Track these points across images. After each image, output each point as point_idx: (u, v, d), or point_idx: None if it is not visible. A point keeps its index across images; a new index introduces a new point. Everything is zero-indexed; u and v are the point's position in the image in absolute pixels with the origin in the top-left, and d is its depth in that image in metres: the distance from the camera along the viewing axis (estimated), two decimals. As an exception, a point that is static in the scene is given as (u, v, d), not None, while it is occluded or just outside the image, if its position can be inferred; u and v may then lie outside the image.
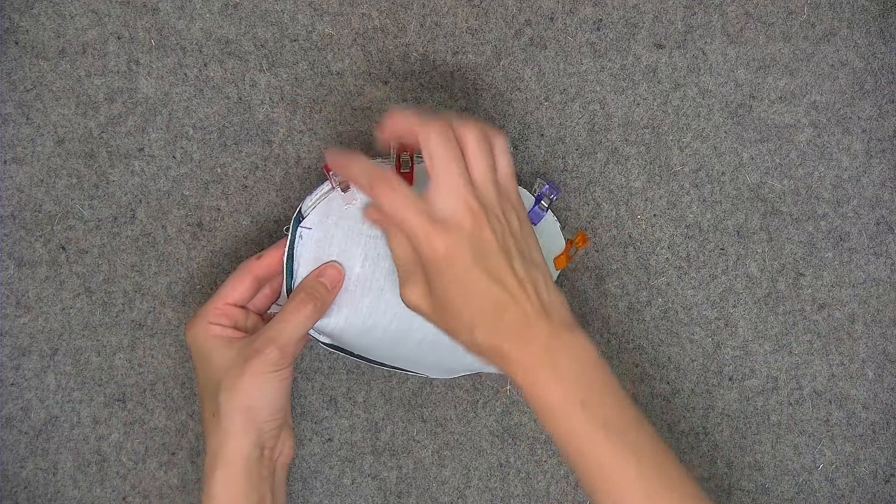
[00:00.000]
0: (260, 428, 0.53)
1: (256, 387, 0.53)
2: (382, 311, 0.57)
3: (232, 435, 0.53)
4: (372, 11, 0.61)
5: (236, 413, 0.53)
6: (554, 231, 0.60)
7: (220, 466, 0.53)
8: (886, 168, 0.63)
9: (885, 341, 0.64)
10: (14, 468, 0.64)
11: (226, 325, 0.55)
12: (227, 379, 0.53)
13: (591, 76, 0.62)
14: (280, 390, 0.54)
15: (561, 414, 0.48)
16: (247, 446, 0.53)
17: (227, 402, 0.53)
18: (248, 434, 0.53)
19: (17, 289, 0.63)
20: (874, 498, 0.65)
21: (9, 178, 0.62)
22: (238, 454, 0.53)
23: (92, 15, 0.61)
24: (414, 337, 0.58)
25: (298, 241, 0.56)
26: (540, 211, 0.58)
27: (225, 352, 0.54)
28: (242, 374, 0.53)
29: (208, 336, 0.55)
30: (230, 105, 0.62)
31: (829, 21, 0.62)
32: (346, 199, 0.55)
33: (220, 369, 0.54)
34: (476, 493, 0.65)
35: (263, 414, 0.53)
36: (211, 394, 0.54)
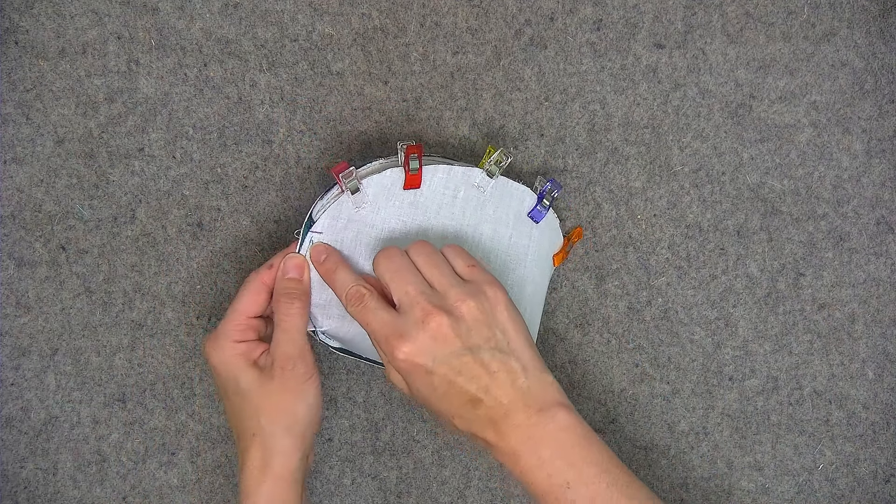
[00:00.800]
0: (305, 443, 0.54)
1: (298, 403, 0.54)
2: None
3: (280, 452, 0.53)
4: (372, 11, 0.61)
5: (284, 432, 0.53)
6: (554, 227, 0.60)
7: (270, 480, 0.53)
8: (886, 168, 0.63)
9: (885, 341, 0.64)
10: (14, 468, 0.64)
11: (251, 339, 0.56)
12: (265, 401, 0.54)
13: (591, 76, 0.62)
14: (317, 398, 0.55)
15: (548, 497, 0.49)
16: (295, 461, 0.54)
17: (271, 423, 0.53)
18: (298, 449, 0.54)
19: (17, 289, 0.63)
20: (874, 498, 0.65)
21: (9, 178, 0.62)
22: (286, 467, 0.54)
23: (92, 15, 0.61)
24: None
25: (309, 245, 0.56)
26: (542, 210, 0.58)
27: (253, 373, 0.54)
28: (278, 394, 0.53)
29: (233, 356, 0.55)
30: (230, 105, 0.62)
31: (829, 21, 0.62)
32: (356, 203, 0.56)
33: (252, 392, 0.54)
34: (476, 493, 0.65)
35: (309, 427, 0.54)
36: (249, 415, 0.54)
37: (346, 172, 0.55)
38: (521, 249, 0.58)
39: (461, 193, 0.57)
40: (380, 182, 0.56)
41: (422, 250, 0.53)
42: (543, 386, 0.51)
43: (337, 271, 0.54)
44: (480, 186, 0.57)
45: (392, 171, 0.56)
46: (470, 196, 0.57)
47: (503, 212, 0.58)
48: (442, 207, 0.57)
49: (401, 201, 0.56)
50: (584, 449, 0.50)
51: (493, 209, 0.58)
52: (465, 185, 0.57)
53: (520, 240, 0.58)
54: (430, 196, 0.56)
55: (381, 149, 0.63)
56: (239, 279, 0.63)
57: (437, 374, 0.50)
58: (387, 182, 0.56)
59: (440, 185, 0.56)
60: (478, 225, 0.57)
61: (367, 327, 0.52)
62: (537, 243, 0.59)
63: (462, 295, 0.51)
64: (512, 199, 0.58)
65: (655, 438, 0.65)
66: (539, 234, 0.59)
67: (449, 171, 0.56)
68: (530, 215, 0.58)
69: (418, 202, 0.56)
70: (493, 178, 0.57)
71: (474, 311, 0.50)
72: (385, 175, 0.56)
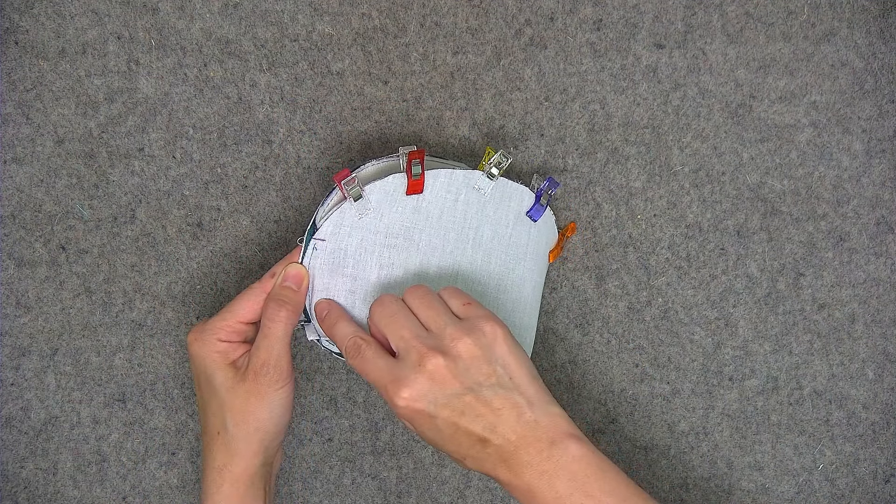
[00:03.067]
0: (268, 447, 0.55)
1: (263, 409, 0.54)
2: None
3: (241, 455, 0.54)
4: (372, 11, 0.61)
5: (246, 436, 0.54)
6: (550, 224, 0.60)
7: (228, 482, 0.54)
8: (886, 168, 0.63)
9: (885, 341, 0.64)
10: (14, 468, 0.64)
11: (235, 340, 0.56)
12: (233, 402, 0.54)
13: (591, 76, 0.62)
14: (285, 408, 0.55)
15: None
16: (255, 466, 0.54)
17: (235, 425, 0.54)
18: (258, 454, 0.54)
19: (17, 289, 0.63)
20: (874, 498, 0.65)
21: (9, 178, 0.62)
22: (247, 472, 0.54)
23: (92, 15, 0.61)
24: None
25: (313, 252, 0.56)
26: (540, 208, 0.58)
27: (227, 372, 0.54)
28: (248, 397, 0.53)
29: (213, 353, 0.55)
30: (230, 105, 0.62)
31: (829, 21, 0.62)
32: (359, 210, 0.56)
33: (223, 389, 0.54)
34: (476, 493, 0.65)
35: (271, 434, 0.54)
36: (214, 411, 0.54)
37: (349, 180, 0.54)
38: (520, 249, 0.59)
39: (462, 196, 0.57)
40: (383, 188, 0.56)
41: (416, 293, 0.52)
42: (551, 418, 0.50)
43: (336, 325, 0.54)
44: (481, 189, 0.57)
45: (394, 177, 0.56)
46: (471, 199, 0.57)
47: (503, 212, 0.58)
48: (444, 212, 0.57)
49: (404, 207, 0.56)
50: (601, 479, 0.49)
51: (494, 210, 0.58)
52: (466, 188, 0.57)
53: (519, 239, 0.58)
54: (432, 201, 0.57)
55: (382, 149, 0.63)
56: (239, 279, 0.63)
57: (440, 418, 0.49)
58: (389, 188, 0.56)
59: (442, 190, 0.56)
60: (479, 227, 0.57)
61: (368, 378, 0.51)
62: (535, 241, 0.59)
63: (457, 333, 0.50)
64: (511, 200, 0.58)
65: (655, 438, 0.65)
66: (537, 233, 0.59)
67: (450, 174, 0.56)
68: (529, 214, 0.58)
69: (421, 207, 0.56)
70: (493, 180, 0.57)
71: (471, 348, 0.50)
72: (388, 181, 0.56)
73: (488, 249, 0.58)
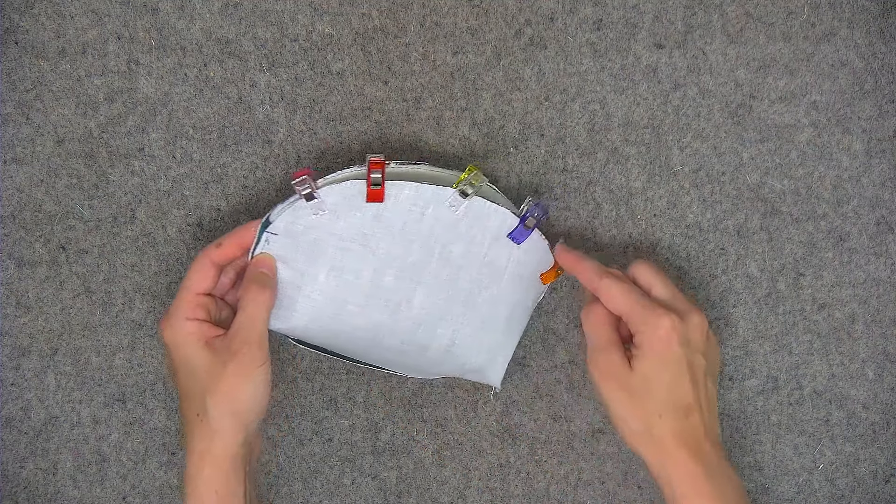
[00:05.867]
0: (248, 428, 0.54)
1: (243, 389, 0.53)
2: (345, 321, 0.57)
3: (222, 436, 0.53)
4: (372, 11, 0.61)
5: (226, 416, 0.53)
6: (542, 249, 0.59)
7: (209, 465, 0.53)
8: (886, 168, 0.63)
9: (885, 341, 0.64)
10: (14, 468, 0.64)
11: (202, 318, 0.55)
12: (213, 383, 0.53)
13: (591, 76, 0.62)
14: (264, 387, 0.54)
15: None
16: (235, 446, 0.54)
17: (214, 406, 0.53)
18: (237, 435, 0.54)
19: (17, 289, 0.63)
20: (874, 498, 0.65)
21: (9, 178, 0.62)
22: (227, 453, 0.54)
23: (92, 15, 0.61)
24: (382, 343, 0.59)
25: (265, 245, 0.56)
26: (524, 230, 0.58)
27: (205, 353, 0.54)
28: (227, 377, 0.53)
29: (187, 335, 0.55)
30: (230, 105, 0.62)
31: (829, 21, 0.62)
32: (312, 209, 0.55)
33: (202, 371, 0.54)
34: (476, 493, 0.65)
35: (252, 414, 0.54)
36: (194, 396, 0.54)
37: (300, 180, 0.54)
38: (496, 269, 0.58)
39: (429, 211, 0.56)
40: (340, 192, 0.55)
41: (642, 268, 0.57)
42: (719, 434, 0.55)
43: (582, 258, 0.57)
44: (452, 206, 0.56)
45: (353, 183, 0.55)
46: (440, 215, 0.57)
47: (478, 231, 0.57)
48: (407, 224, 0.57)
49: (363, 213, 0.56)
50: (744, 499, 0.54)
51: (467, 228, 0.57)
52: (435, 203, 0.56)
53: (497, 260, 0.58)
54: (394, 211, 0.56)
55: (381, 148, 0.62)
56: (239, 279, 0.63)
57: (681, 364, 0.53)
58: (347, 192, 0.55)
59: (407, 202, 0.56)
60: (448, 243, 0.57)
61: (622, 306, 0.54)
62: (517, 263, 0.59)
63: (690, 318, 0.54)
64: (489, 220, 0.57)
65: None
66: (522, 255, 0.59)
67: (417, 189, 0.56)
68: (510, 236, 0.58)
69: (382, 216, 0.56)
70: (466, 199, 0.56)
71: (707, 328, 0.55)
72: (346, 185, 0.55)
73: (458, 266, 0.58)
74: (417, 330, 0.59)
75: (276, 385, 0.64)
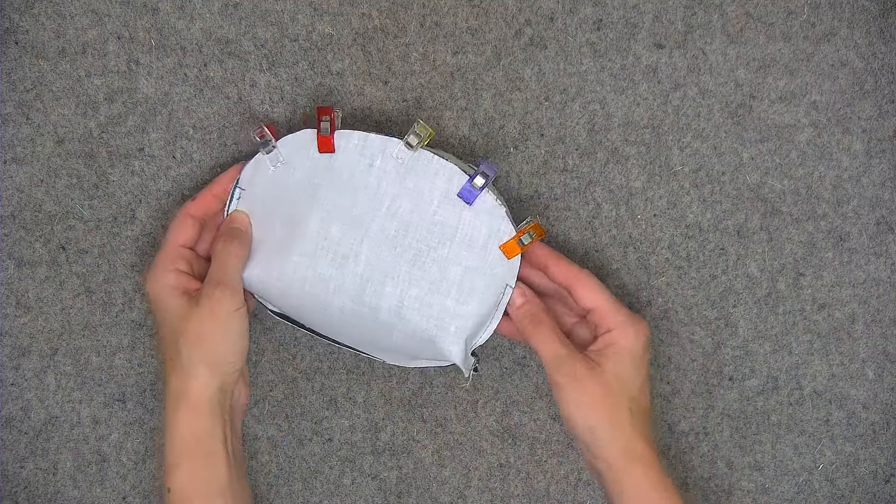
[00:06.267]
0: (223, 371, 0.54)
1: (217, 330, 0.54)
2: (292, 273, 0.57)
3: (195, 378, 0.54)
4: (372, 11, 0.61)
5: (199, 358, 0.54)
6: (498, 215, 0.57)
7: (184, 406, 0.54)
8: (886, 168, 0.63)
9: (885, 341, 0.64)
10: (14, 468, 0.64)
11: (182, 269, 0.56)
12: (186, 325, 0.54)
13: (591, 76, 0.62)
14: (239, 332, 0.55)
15: None
16: (210, 388, 0.54)
17: (187, 346, 0.54)
18: (213, 377, 0.54)
19: (17, 289, 0.63)
20: (874, 498, 0.65)
21: (9, 178, 0.62)
22: (202, 396, 0.54)
23: (92, 15, 0.61)
24: (334, 303, 0.57)
25: (237, 202, 0.58)
26: (473, 190, 0.56)
27: (181, 300, 0.55)
28: (201, 318, 0.54)
29: (165, 285, 0.55)
30: (230, 105, 0.62)
31: (829, 21, 0.62)
32: (271, 161, 0.57)
33: (176, 317, 0.54)
34: (476, 493, 0.65)
35: (226, 357, 0.54)
36: (169, 340, 0.55)
37: (259, 131, 0.56)
38: (446, 230, 0.57)
39: (377, 162, 0.57)
40: (294, 142, 0.57)
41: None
42: None
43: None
44: (399, 158, 0.56)
45: (305, 132, 0.57)
46: (387, 167, 0.57)
47: (426, 187, 0.57)
48: (355, 174, 0.57)
49: (315, 164, 0.57)
50: None
51: (415, 183, 0.57)
52: (382, 155, 0.57)
53: (447, 220, 0.57)
54: (344, 161, 0.57)
55: None
56: (239, 279, 0.63)
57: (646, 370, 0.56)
58: (300, 142, 0.57)
59: (355, 152, 0.57)
60: (396, 196, 0.57)
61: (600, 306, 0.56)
62: (470, 226, 0.57)
63: None
64: (438, 177, 0.57)
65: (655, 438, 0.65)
66: (473, 218, 0.57)
67: (365, 137, 0.56)
68: (460, 195, 0.57)
69: (333, 166, 0.57)
70: (412, 151, 0.56)
71: None
72: (299, 135, 0.57)
73: (406, 221, 0.57)
74: (366, 287, 0.57)
75: (276, 385, 0.64)
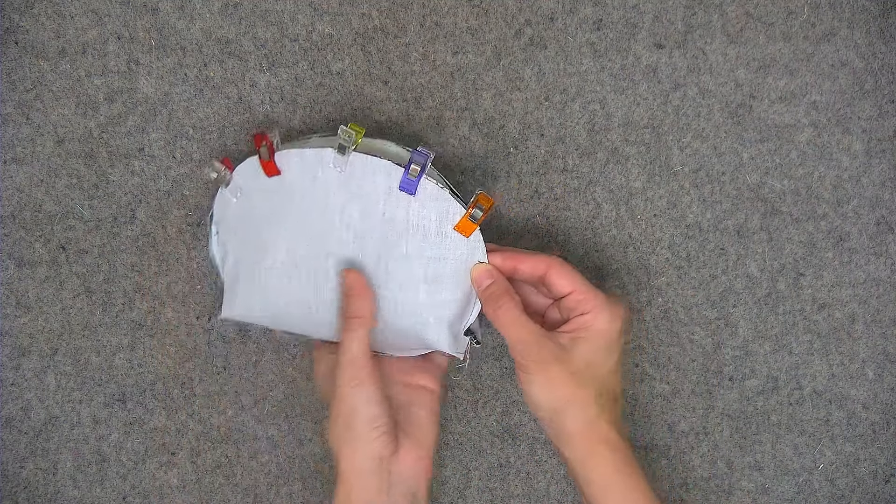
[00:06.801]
0: (363, 440, 0.53)
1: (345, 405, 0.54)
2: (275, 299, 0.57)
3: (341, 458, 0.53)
4: (372, 11, 0.61)
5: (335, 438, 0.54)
6: (443, 198, 0.56)
7: (338, 485, 0.54)
8: (886, 168, 0.63)
9: (885, 341, 0.64)
10: (14, 468, 0.64)
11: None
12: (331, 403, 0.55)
13: (591, 76, 0.62)
14: (365, 401, 0.54)
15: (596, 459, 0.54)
16: (357, 460, 0.53)
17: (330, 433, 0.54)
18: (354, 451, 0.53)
19: (17, 289, 0.63)
20: (874, 498, 0.65)
21: (9, 178, 0.62)
22: (351, 469, 0.53)
23: (92, 15, 0.61)
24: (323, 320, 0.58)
25: (215, 237, 0.59)
26: (410, 180, 0.55)
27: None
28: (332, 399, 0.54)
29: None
30: (230, 105, 0.62)
31: (829, 21, 0.62)
32: (231, 193, 0.58)
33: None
34: (476, 493, 0.65)
35: (359, 425, 0.53)
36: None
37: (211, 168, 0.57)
38: (398, 226, 0.56)
39: (320, 174, 0.56)
40: (245, 171, 0.57)
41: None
42: None
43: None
44: (336, 166, 0.55)
45: (251, 160, 0.57)
46: (329, 177, 0.56)
47: (370, 188, 0.56)
48: (305, 192, 0.56)
49: (266, 189, 0.57)
50: None
51: (358, 187, 0.56)
52: (321, 166, 0.56)
53: (396, 216, 0.56)
54: (293, 181, 0.56)
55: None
56: (239, 279, 0.63)
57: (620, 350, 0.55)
58: (251, 170, 0.57)
59: (297, 170, 0.56)
60: (345, 204, 0.56)
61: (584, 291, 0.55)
62: (418, 216, 0.56)
63: None
64: (377, 175, 0.56)
65: (655, 438, 0.65)
66: (420, 207, 0.56)
67: (301, 154, 0.56)
68: (402, 188, 0.55)
69: (283, 188, 0.57)
70: (345, 156, 0.55)
71: None
72: (247, 163, 0.57)
73: (361, 229, 0.56)
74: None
75: (275, 385, 0.64)
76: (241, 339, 0.64)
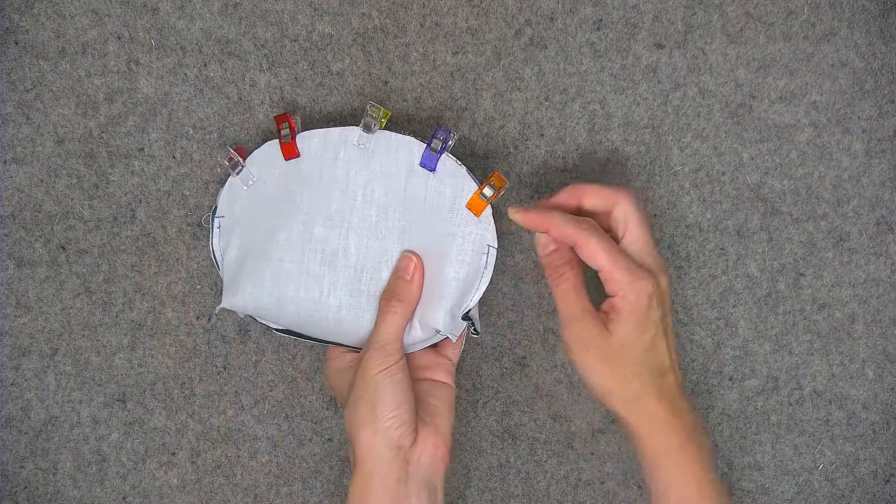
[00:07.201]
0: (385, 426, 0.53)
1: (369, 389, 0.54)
2: (285, 281, 0.57)
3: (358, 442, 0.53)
4: (372, 11, 0.61)
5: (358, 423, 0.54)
6: (461, 175, 0.57)
7: (356, 470, 0.54)
8: (886, 168, 0.63)
9: (885, 341, 0.64)
10: (14, 468, 0.64)
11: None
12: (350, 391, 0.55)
13: (591, 76, 0.62)
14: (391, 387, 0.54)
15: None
16: (375, 447, 0.53)
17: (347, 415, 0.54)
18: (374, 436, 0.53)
19: (17, 289, 0.63)
20: (874, 498, 0.65)
21: (9, 178, 0.62)
22: (369, 455, 0.53)
23: (92, 15, 0.61)
24: (330, 303, 0.58)
25: (217, 231, 0.59)
26: (432, 156, 0.56)
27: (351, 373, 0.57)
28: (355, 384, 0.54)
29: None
30: (230, 105, 0.62)
31: (829, 21, 0.62)
32: (242, 180, 0.58)
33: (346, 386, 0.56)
34: (476, 493, 0.65)
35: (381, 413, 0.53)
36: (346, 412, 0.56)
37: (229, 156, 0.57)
38: (418, 202, 0.57)
39: (342, 154, 0.57)
40: (260, 156, 0.58)
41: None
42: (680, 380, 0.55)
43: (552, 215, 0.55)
44: (361, 144, 0.57)
45: (269, 145, 0.58)
46: (352, 156, 0.57)
47: (392, 165, 0.57)
48: (324, 171, 0.57)
49: (285, 171, 0.58)
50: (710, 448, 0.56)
51: (380, 164, 0.57)
52: (345, 146, 0.57)
53: (416, 191, 0.57)
54: (311, 162, 0.57)
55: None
56: (239, 279, 0.63)
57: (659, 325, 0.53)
58: (266, 155, 0.58)
59: (319, 150, 0.57)
60: (367, 183, 0.57)
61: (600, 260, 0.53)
62: (436, 193, 0.57)
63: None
64: (399, 152, 0.57)
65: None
66: (438, 183, 0.57)
67: (325, 134, 0.57)
68: (422, 164, 0.57)
69: (302, 170, 0.57)
70: (371, 133, 0.57)
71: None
72: (263, 149, 0.58)
73: (383, 205, 0.57)
74: (362, 277, 0.58)
75: (275, 385, 0.64)
76: (241, 339, 0.64)
